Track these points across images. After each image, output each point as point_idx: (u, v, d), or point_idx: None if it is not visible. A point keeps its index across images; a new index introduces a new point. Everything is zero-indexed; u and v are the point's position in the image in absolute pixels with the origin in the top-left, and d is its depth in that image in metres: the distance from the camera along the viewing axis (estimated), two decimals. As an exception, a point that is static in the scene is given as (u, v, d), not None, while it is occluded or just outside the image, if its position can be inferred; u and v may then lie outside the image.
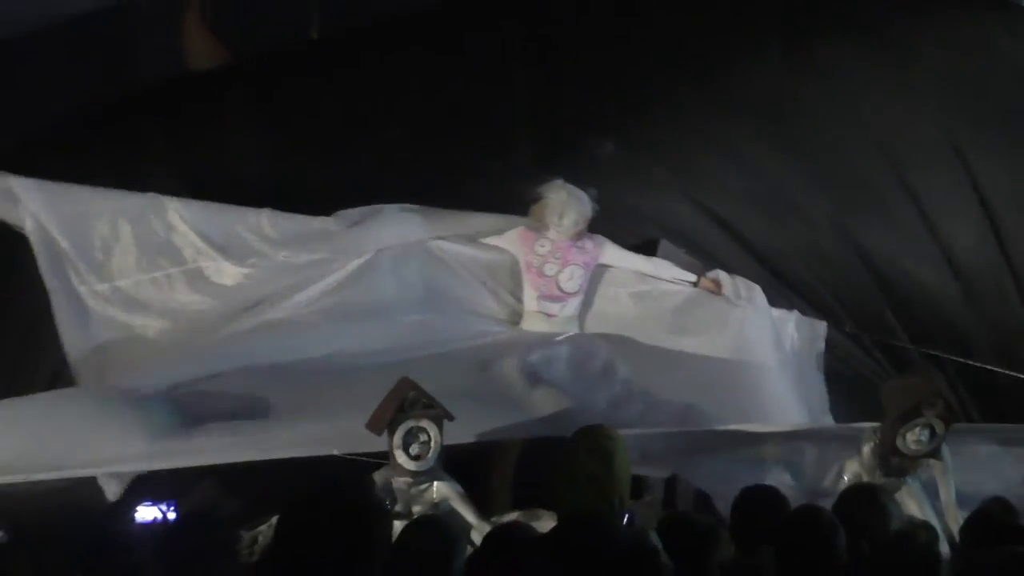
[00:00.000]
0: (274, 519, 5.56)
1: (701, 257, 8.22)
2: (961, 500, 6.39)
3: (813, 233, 8.40)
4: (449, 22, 8.26)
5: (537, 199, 7.86)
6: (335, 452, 6.40)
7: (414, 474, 6.28)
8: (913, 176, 8.35)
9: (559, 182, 7.78)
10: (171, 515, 5.94)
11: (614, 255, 8.03)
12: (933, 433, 6.47)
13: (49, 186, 7.38)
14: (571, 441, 6.48)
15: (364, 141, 7.94)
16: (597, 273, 8.06)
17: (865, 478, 6.37)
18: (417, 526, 4.67)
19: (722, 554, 4.84)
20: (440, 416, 6.31)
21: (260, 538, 6.26)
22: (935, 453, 6.45)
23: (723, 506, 6.26)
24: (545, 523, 5.93)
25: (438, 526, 4.62)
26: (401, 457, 6.28)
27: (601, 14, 8.27)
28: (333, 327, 7.49)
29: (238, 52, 8.75)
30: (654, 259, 8.11)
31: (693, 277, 8.04)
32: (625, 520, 5.99)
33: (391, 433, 6.27)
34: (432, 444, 6.29)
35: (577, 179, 7.87)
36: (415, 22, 8.25)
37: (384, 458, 6.35)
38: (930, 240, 8.38)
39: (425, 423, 6.29)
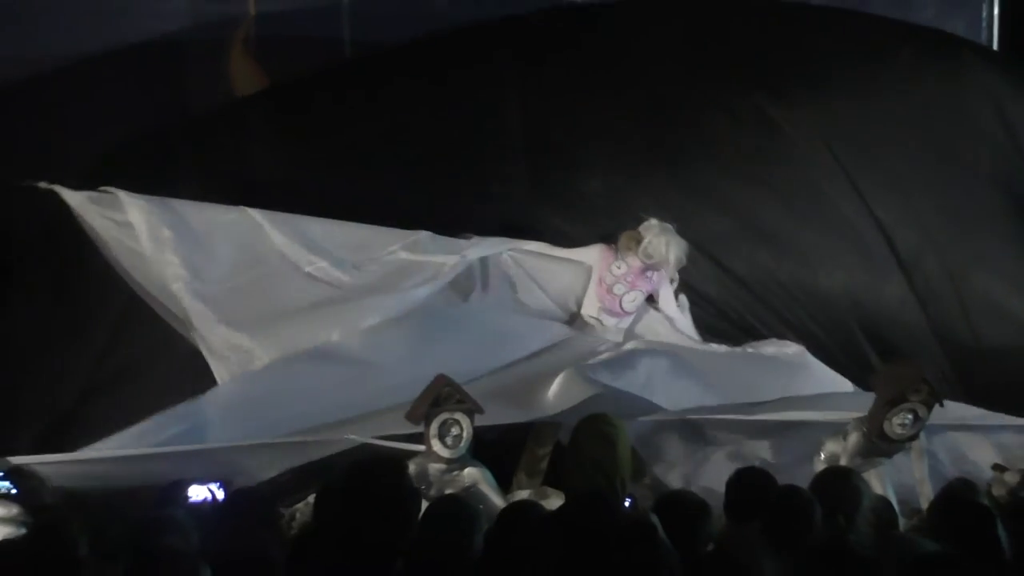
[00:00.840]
0: (311, 497, 6.05)
1: (686, 290, 8.49)
2: None
3: (797, 267, 8.59)
4: (451, 54, 8.62)
5: (633, 231, 8.18)
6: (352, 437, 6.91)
7: (447, 461, 6.77)
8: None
9: (654, 222, 8.13)
10: (220, 495, 6.33)
11: (663, 292, 8.36)
12: (917, 417, 6.72)
13: (160, 200, 7.76)
14: (577, 428, 6.95)
15: (377, 164, 8.31)
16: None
17: (843, 460, 6.62)
18: (442, 503, 4.93)
19: (712, 529, 5.17)
20: (471, 410, 6.78)
21: (298, 515, 6.65)
22: (915, 436, 6.72)
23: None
24: (553, 501, 6.39)
25: (460, 504, 4.85)
26: (436, 445, 6.78)
27: (592, 55, 8.60)
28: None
29: (278, 78, 9.03)
30: (681, 311, 8.41)
31: (698, 340, 8.31)
32: (628, 503, 6.48)
33: (427, 424, 6.76)
34: (464, 435, 6.78)
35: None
36: (420, 55, 8.64)
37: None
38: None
39: (458, 415, 6.78)
